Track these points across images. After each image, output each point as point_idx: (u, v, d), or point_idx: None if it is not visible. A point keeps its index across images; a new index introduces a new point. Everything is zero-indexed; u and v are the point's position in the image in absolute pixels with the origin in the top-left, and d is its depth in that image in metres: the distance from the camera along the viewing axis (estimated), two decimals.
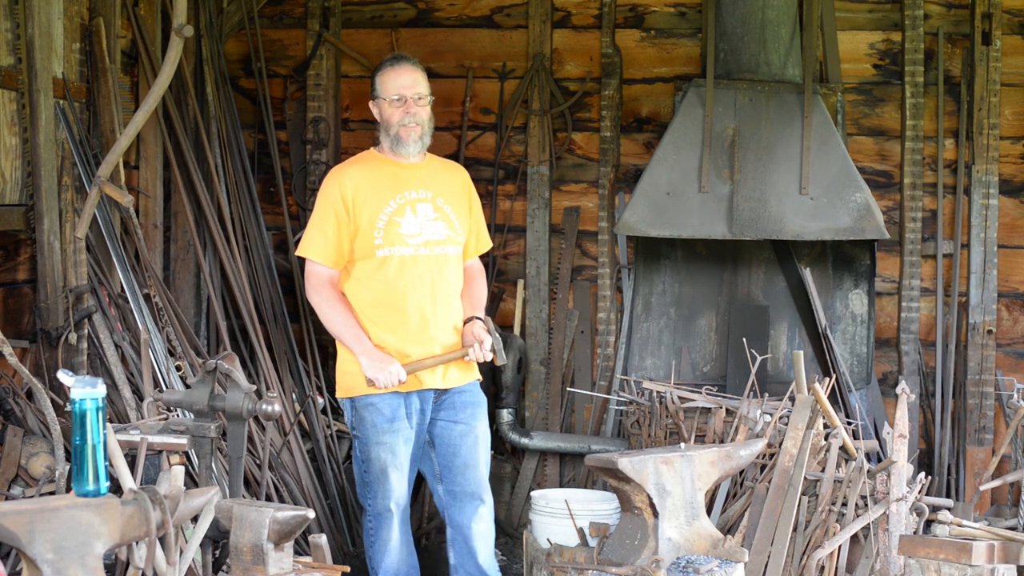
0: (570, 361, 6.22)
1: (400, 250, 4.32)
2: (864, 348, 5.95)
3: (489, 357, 4.40)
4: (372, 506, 4.38)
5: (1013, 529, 4.58)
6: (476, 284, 4.57)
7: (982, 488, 4.94)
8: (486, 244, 4.67)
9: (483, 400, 4.51)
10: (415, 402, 4.36)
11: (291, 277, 6.02)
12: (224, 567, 3.60)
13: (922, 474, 4.38)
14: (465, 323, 4.44)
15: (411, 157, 4.42)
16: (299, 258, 6.16)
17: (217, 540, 3.46)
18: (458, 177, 4.57)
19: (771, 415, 4.78)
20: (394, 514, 4.34)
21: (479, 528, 4.41)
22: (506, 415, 5.97)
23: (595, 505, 4.62)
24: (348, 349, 4.34)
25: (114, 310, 4.82)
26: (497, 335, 4.43)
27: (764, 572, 4.21)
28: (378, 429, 4.30)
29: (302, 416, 5.48)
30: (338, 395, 4.45)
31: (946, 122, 6.04)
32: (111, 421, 4.28)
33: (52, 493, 3.72)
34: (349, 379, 4.38)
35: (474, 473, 4.41)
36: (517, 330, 6.18)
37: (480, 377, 4.55)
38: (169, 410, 4.30)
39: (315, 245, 4.36)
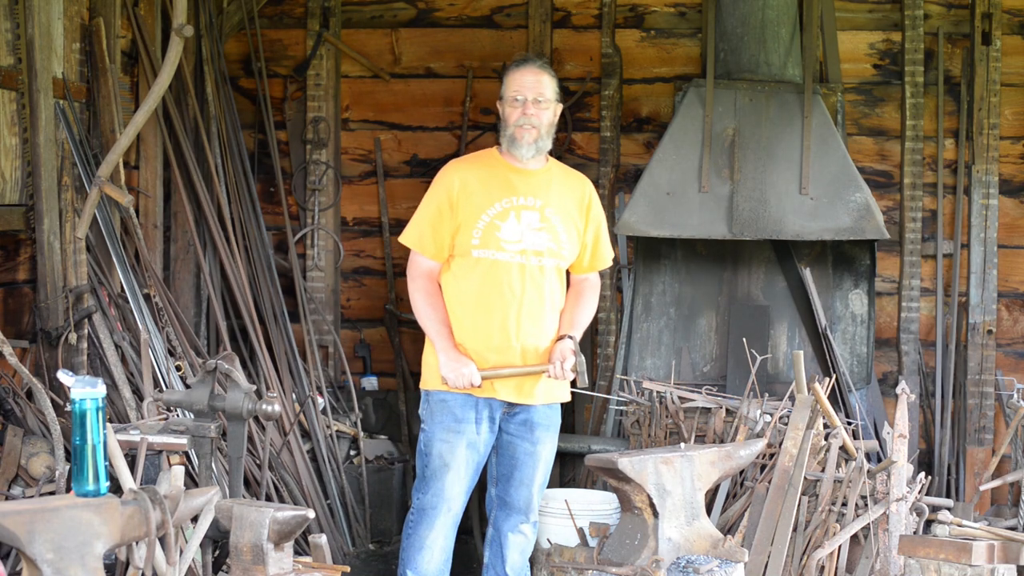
0: None
1: (495, 254, 4.22)
2: (864, 348, 5.95)
3: (570, 377, 4.23)
4: (420, 500, 4.31)
5: (1013, 529, 4.58)
6: (582, 301, 4.40)
7: (982, 488, 4.94)
8: (604, 261, 4.47)
9: (557, 423, 4.40)
10: (486, 409, 4.27)
11: (291, 277, 6.02)
12: (224, 567, 3.60)
13: (922, 474, 4.38)
14: (557, 340, 4.28)
15: (525, 160, 4.29)
16: (300, 254, 6.16)
17: (217, 540, 3.46)
18: (579, 190, 4.39)
19: (771, 415, 4.78)
20: (440, 514, 4.26)
21: (516, 540, 4.39)
22: None
23: (595, 505, 4.62)
24: (431, 341, 4.28)
25: (114, 310, 4.82)
26: (583, 356, 4.25)
27: (764, 572, 4.21)
28: (445, 427, 4.24)
29: (302, 416, 5.48)
30: (421, 385, 4.37)
31: (946, 122, 6.03)
32: (111, 421, 4.28)
33: (52, 493, 3.72)
34: (428, 371, 4.30)
35: (527, 492, 4.35)
36: None
37: (568, 398, 4.40)
38: (169, 410, 4.30)
39: (415, 234, 4.30)
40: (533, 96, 4.25)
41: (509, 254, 4.21)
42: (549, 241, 4.26)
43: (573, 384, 4.28)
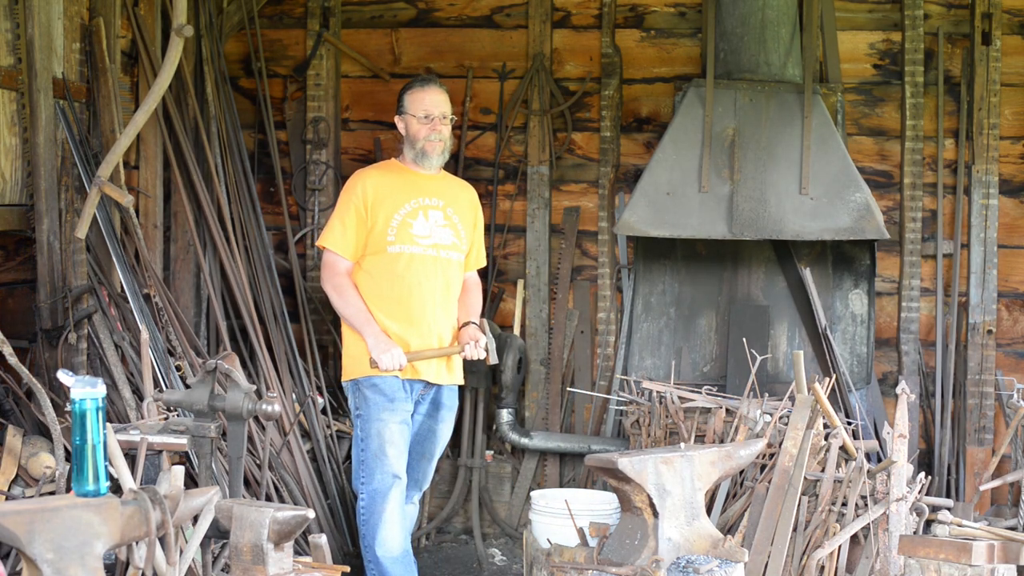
0: (570, 361, 6.22)
1: (410, 248, 4.75)
2: (864, 348, 5.94)
3: (483, 356, 4.81)
4: (368, 484, 4.67)
5: (1013, 529, 4.58)
6: (472, 294, 5.01)
7: (982, 488, 4.94)
8: (482, 261, 5.10)
9: (456, 404, 4.99)
10: (410, 389, 4.74)
11: (291, 277, 6.02)
12: (224, 567, 3.59)
13: (922, 474, 4.38)
14: (460, 328, 4.86)
15: (432, 169, 4.87)
16: (300, 254, 6.17)
17: (217, 540, 3.46)
18: (468, 194, 5.03)
19: (771, 415, 4.78)
20: (391, 488, 4.64)
21: (411, 511, 4.94)
22: (506, 415, 5.98)
23: (595, 505, 4.62)
24: (357, 332, 4.69)
25: (114, 310, 4.82)
26: (491, 336, 4.85)
27: (764, 572, 4.21)
28: (379, 407, 4.67)
29: (302, 416, 5.48)
30: (343, 378, 4.81)
31: (946, 122, 6.03)
32: (111, 421, 4.28)
33: (52, 493, 3.72)
34: (354, 362, 4.74)
35: (427, 465, 4.93)
36: (517, 330, 6.18)
37: (463, 382, 4.99)
38: (169, 410, 4.30)
39: (335, 237, 4.76)
40: (440, 113, 4.81)
41: (422, 248, 4.77)
42: (453, 236, 4.86)
43: (485, 362, 4.86)
